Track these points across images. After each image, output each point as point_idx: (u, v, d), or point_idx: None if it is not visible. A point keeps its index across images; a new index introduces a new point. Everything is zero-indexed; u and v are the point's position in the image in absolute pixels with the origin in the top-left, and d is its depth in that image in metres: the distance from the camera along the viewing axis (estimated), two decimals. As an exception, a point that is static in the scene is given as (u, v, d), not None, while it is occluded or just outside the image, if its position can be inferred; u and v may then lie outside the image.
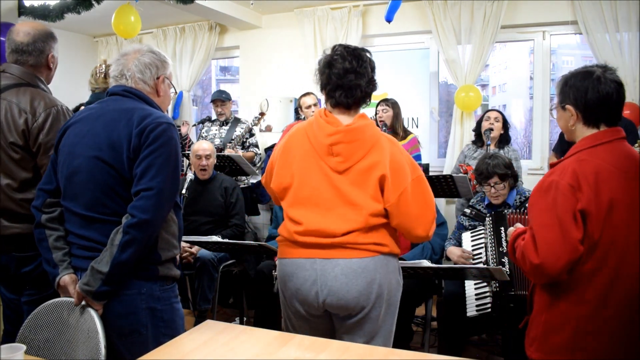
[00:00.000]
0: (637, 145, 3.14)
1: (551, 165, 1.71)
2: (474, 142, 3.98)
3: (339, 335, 1.92)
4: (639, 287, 1.61)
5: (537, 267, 1.56)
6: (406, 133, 4.04)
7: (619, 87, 1.64)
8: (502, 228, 2.72)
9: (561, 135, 3.85)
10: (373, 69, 1.91)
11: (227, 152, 4.25)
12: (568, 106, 1.68)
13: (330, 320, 1.93)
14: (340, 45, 1.90)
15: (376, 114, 4.03)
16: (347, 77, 1.83)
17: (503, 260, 2.62)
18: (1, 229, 1.99)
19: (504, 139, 3.82)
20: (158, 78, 1.81)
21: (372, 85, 1.90)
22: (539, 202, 1.62)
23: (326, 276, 1.81)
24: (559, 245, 1.53)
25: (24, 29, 2.07)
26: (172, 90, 1.90)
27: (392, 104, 3.99)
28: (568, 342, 1.62)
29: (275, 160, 1.95)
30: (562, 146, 3.74)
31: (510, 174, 2.91)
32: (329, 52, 1.91)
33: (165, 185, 1.63)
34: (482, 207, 3.06)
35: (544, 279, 1.61)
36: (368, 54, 1.91)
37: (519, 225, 1.93)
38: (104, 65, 2.83)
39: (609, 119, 1.66)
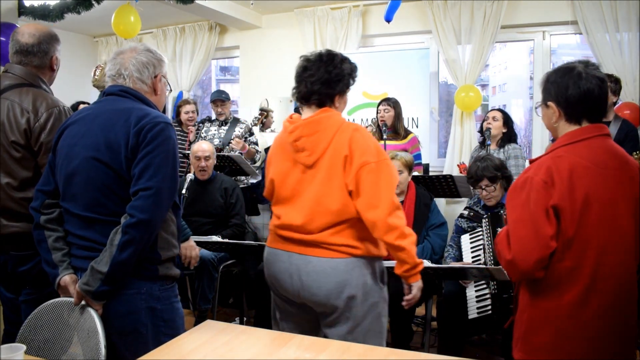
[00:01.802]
0: (635, 154, 3.11)
1: (530, 162, 1.69)
2: (480, 144, 3.94)
3: (321, 326, 1.98)
4: (625, 289, 1.56)
5: (509, 263, 1.55)
6: (406, 133, 4.04)
7: (601, 82, 1.61)
8: (499, 228, 2.70)
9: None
10: (333, 65, 1.90)
11: (235, 143, 4.19)
12: (550, 103, 1.66)
13: (312, 309, 1.98)
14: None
15: (377, 113, 4.03)
16: (304, 74, 1.93)
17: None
18: (0, 228, 1.99)
19: (507, 138, 3.72)
20: (155, 77, 1.80)
21: (332, 82, 1.90)
22: (514, 198, 1.60)
23: (300, 271, 1.90)
24: (530, 241, 1.51)
25: (28, 31, 2.08)
26: (168, 88, 1.89)
27: (393, 103, 3.98)
28: (548, 344, 1.58)
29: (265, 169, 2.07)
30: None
31: (500, 176, 2.87)
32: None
33: (163, 185, 1.62)
34: (480, 208, 3.06)
35: (517, 275, 1.59)
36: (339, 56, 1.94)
37: None
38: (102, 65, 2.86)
39: (591, 115, 1.63)
